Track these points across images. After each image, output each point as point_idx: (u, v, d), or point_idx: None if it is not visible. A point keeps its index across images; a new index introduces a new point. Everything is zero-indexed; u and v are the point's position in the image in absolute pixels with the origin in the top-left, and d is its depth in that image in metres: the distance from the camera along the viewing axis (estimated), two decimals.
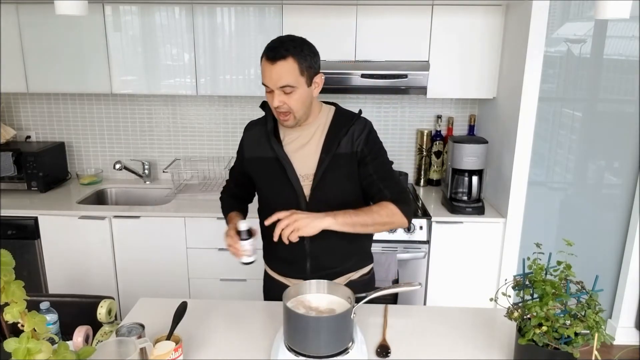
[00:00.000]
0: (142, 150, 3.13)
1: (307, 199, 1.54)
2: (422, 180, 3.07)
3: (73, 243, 2.59)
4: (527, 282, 1.26)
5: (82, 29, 2.63)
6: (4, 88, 2.73)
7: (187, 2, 2.58)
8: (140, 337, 1.28)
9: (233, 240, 1.49)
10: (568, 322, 1.16)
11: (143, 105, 3.06)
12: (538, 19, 2.26)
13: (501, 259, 2.56)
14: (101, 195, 2.99)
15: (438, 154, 3.00)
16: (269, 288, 1.77)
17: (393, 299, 2.44)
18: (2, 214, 2.55)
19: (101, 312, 1.47)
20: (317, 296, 1.37)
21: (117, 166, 2.86)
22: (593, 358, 1.18)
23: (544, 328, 1.16)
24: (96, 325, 1.49)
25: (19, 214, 2.57)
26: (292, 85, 1.43)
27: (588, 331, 1.15)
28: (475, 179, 2.55)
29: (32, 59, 2.68)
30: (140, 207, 2.70)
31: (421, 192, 2.98)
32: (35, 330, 0.93)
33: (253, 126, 1.66)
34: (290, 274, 1.66)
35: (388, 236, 2.49)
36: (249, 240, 1.49)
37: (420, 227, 2.50)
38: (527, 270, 1.27)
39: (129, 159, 3.11)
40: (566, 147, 2.87)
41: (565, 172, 2.89)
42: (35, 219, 2.57)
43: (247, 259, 1.51)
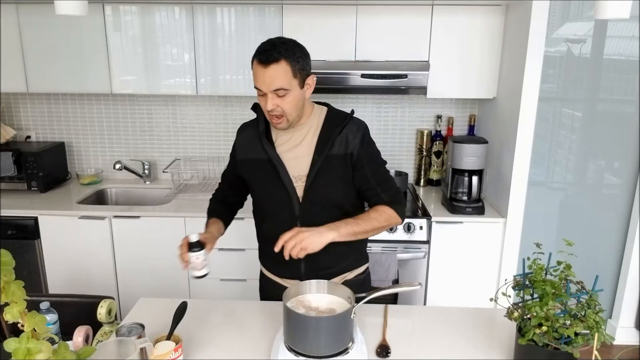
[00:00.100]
0: (142, 150, 3.13)
1: (300, 200, 1.54)
2: (422, 180, 3.07)
3: (73, 243, 2.59)
4: (527, 282, 1.26)
5: (82, 29, 2.63)
6: (4, 88, 2.73)
7: (187, 2, 2.58)
8: (140, 337, 1.28)
9: (182, 250, 1.46)
10: (568, 322, 1.16)
11: (143, 105, 3.06)
12: (538, 19, 2.26)
13: (501, 259, 2.56)
14: (101, 195, 2.99)
15: (438, 154, 3.00)
16: (265, 288, 1.77)
17: (393, 299, 2.44)
18: (2, 214, 2.55)
19: (101, 312, 1.47)
20: (317, 296, 1.38)
21: (117, 166, 2.86)
22: (593, 358, 1.18)
23: (544, 328, 1.16)
24: (96, 325, 1.49)
25: (19, 214, 2.57)
26: (286, 88, 1.42)
27: (588, 331, 1.15)
28: (475, 179, 2.55)
29: (32, 59, 2.68)
30: (140, 207, 2.70)
31: (421, 192, 2.98)
32: (35, 330, 0.93)
33: (245, 128, 1.66)
34: (285, 274, 1.66)
35: (388, 236, 2.49)
36: (197, 253, 1.44)
37: (420, 227, 2.50)
38: (527, 270, 1.27)
39: (129, 159, 3.11)
40: (566, 147, 2.87)
41: (565, 172, 2.89)
42: (35, 219, 2.57)
43: (196, 272, 1.47)
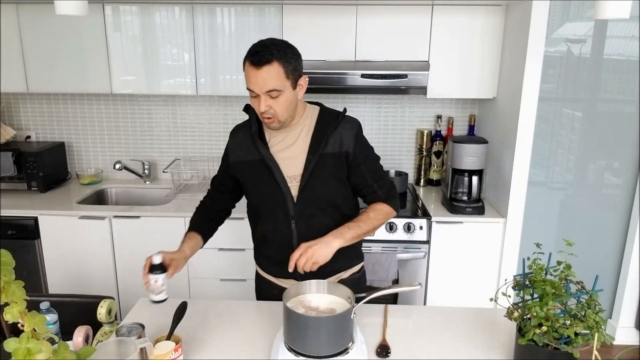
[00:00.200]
0: (142, 150, 3.13)
1: (294, 200, 1.54)
2: (422, 180, 3.07)
3: (73, 243, 2.59)
4: (527, 282, 1.26)
5: (82, 29, 2.63)
6: (4, 88, 2.73)
7: (187, 2, 2.58)
8: (140, 337, 1.28)
9: (144, 271, 1.43)
10: (568, 322, 1.16)
11: (143, 105, 3.06)
12: (538, 19, 2.26)
13: (501, 259, 2.55)
14: (101, 195, 2.99)
15: (438, 154, 3.00)
16: (261, 288, 1.77)
17: (393, 299, 2.44)
18: (2, 214, 2.55)
19: (101, 312, 1.47)
20: (317, 296, 1.38)
21: (117, 166, 2.86)
22: (593, 358, 1.18)
23: (544, 328, 1.16)
24: (96, 325, 1.49)
25: (19, 214, 2.57)
26: (279, 89, 1.42)
27: (588, 331, 1.15)
28: (475, 179, 2.55)
29: (32, 59, 2.68)
30: (140, 207, 2.70)
31: (421, 192, 2.98)
32: (35, 330, 0.93)
33: (238, 130, 1.66)
34: (281, 274, 1.66)
35: (388, 236, 2.49)
36: (157, 276, 1.41)
37: (420, 227, 2.50)
38: (527, 270, 1.27)
39: (129, 159, 3.11)
40: (566, 147, 2.87)
41: (565, 172, 2.89)
42: (35, 219, 2.57)
43: (152, 296, 1.43)
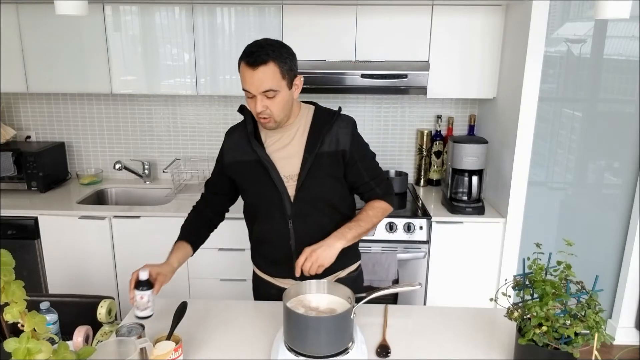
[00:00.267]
0: (142, 150, 3.13)
1: (292, 199, 1.54)
2: (422, 180, 3.07)
3: (73, 243, 2.59)
4: (527, 282, 1.26)
5: (82, 29, 2.63)
6: (4, 88, 2.73)
7: (187, 2, 2.58)
8: (140, 337, 1.28)
9: (130, 286, 1.43)
10: (568, 322, 1.16)
11: (143, 105, 3.06)
12: (538, 19, 2.26)
13: (501, 259, 2.55)
14: (101, 195, 2.99)
15: (438, 154, 3.00)
16: (258, 288, 1.77)
17: (393, 299, 2.44)
18: (2, 214, 2.55)
19: (101, 312, 1.47)
20: (317, 296, 1.38)
21: (117, 166, 2.86)
22: (593, 358, 1.18)
23: (544, 328, 1.16)
24: (96, 325, 1.49)
25: (19, 214, 2.57)
26: (275, 90, 1.43)
27: (588, 331, 1.15)
28: (475, 179, 2.55)
29: (32, 59, 2.68)
30: (140, 207, 2.70)
31: (421, 192, 2.98)
32: (35, 330, 0.93)
33: (233, 131, 1.66)
34: (279, 274, 1.66)
35: (388, 236, 2.49)
36: (142, 292, 1.41)
37: (420, 227, 2.50)
38: (527, 270, 1.27)
39: (129, 159, 3.11)
40: (566, 147, 2.87)
41: (565, 172, 2.89)
42: (35, 219, 2.57)
43: (137, 312, 1.44)
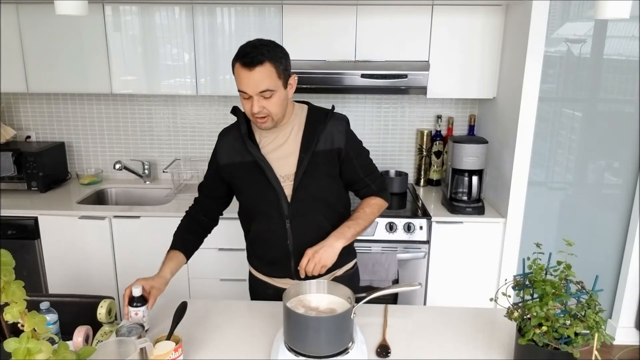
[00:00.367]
0: (142, 150, 3.13)
1: (288, 199, 1.54)
2: (422, 180, 3.07)
3: (73, 243, 2.59)
4: (527, 282, 1.26)
5: (82, 29, 2.63)
6: (4, 88, 2.73)
7: (187, 2, 2.58)
8: (140, 337, 1.28)
9: (124, 302, 1.43)
10: (568, 322, 1.16)
11: (143, 105, 3.06)
12: (538, 19, 2.26)
13: (501, 259, 2.55)
14: (101, 195, 2.99)
15: (438, 154, 3.00)
16: (255, 288, 1.77)
17: (393, 299, 2.44)
18: (2, 214, 2.55)
19: (101, 312, 1.47)
20: (317, 296, 1.38)
21: (117, 166, 2.86)
22: (593, 358, 1.18)
23: (544, 328, 1.16)
24: (96, 325, 1.49)
25: (19, 214, 2.57)
26: (272, 89, 1.43)
27: (588, 331, 1.15)
28: (475, 179, 2.55)
29: (32, 59, 2.68)
30: (140, 207, 2.70)
31: (421, 192, 2.98)
32: (35, 330, 0.93)
33: (227, 133, 1.65)
34: (275, 274, 1.66)
35: (388, 236, 2.49)
36: (137, 309, 1.41)
37: (420, 227, 2.50)
38: (527, 270, 1.27)
39: (129, 159, 3.10)
40: (566, 147, 2.87)
41: (565, 172, 2.89)
42: (35, 219, 2.57)
43: None
